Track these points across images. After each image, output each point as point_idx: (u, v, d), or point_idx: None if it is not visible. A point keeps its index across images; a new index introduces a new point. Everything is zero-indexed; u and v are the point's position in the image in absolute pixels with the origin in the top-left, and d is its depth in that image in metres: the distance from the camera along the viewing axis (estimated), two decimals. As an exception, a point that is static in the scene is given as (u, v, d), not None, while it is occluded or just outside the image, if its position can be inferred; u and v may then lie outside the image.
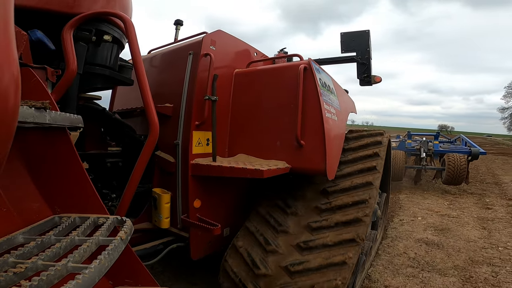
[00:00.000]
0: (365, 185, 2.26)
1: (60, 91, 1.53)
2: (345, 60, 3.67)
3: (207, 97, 2.09)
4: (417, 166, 7.92)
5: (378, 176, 2.36)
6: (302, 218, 2.18)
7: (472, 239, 4.04)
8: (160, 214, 2.13)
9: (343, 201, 2.18)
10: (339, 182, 2.34)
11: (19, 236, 0.91)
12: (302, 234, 2.09)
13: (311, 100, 2.10)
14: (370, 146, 2.68)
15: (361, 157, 2.56)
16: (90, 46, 1.81)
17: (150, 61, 2.70)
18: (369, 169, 2.41)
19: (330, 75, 2.70)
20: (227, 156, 2.46)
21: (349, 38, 3.56)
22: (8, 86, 0.50)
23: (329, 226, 2.06)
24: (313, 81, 2.11)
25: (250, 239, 2.16)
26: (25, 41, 1.34)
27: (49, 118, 1.00)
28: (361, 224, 2.01)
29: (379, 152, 2.57)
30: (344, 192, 2.26)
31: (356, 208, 2.11)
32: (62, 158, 1.16)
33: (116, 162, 2.24)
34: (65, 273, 0.74)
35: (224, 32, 2.42)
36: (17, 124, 0.58)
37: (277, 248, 2.01)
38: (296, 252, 1.98)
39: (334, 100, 2.52)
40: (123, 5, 1.97)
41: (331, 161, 2.14)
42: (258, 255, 2.01)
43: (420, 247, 3.75)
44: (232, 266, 2.05)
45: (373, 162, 2.46)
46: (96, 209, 1.17)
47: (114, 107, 3.05)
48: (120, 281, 1.16)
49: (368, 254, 3.08)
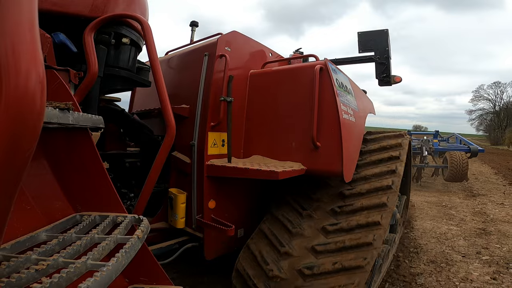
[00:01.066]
0: (384, 188, 2.19)
1: (82, 93, 1.59)
2: (363, 60, 3.57)
3: (222, 98, 2.10)
4: (419, 164, 7.91)
5: (397, 180, 2.28)
6: (317, 221, 2.15)
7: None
8: (176, 214, 2.16)
9: (360, 204, 2.12)
10: (356, 185, 2.28)
11: (42, 234, 0.94)
12: (317, 236, 2.05)
13: (328, 100, 2.06)
14: (390, 149, 2.59)
15: (380, 160, 2.48)
16: (110, 49, 1.87)
17: (167, 62, 2.75)
18: (388, 172, 2.33)
19: (347, 75, 2.64)
20: (242, 157, 2.46)
21: (366, 38, 3.47)
22: (35, 88, 0.52)
23: (345, 229, 2.02)
24: (329, 81, 2.07)
25: (264, 241, 2.14)
26: (49, 44, 1.40)
27: (72, 119, 1.02)
28: (379, 228, 1.95)
29: (399, 154, 2.48)
30: (362, 196, 2.20)
31: (374, 211, 2.05)
32: (84, 158, 1.18)
33: (135, 162, 2.29)
34: (84, 270, 0.75)
35: (239, 33, 2.42)
36: (42, 124, 0.60)
37: (291, 251, 1.98)
38: (310, 255, 1.94)
39: (351, 101, 2.46)
40: (143, 8, 2.02)
41: (348, 163, 2.09)
42: (271, 257, 1.99)
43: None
44: (245, 267, 2.04)
45: (392, 165, 2.38)
46: (115, 208, 1.19)
47: (134, 108, 3.13)
48: (135, 279, 1.18)
49: (386, 258, 2.99)
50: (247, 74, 2.51)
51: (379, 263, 2.63)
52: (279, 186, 2.51)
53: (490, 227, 4.57)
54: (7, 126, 0.47)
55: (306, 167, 2.10)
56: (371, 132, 2.96)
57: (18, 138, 0.50)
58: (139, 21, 1.70)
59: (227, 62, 2.15)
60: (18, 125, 0.49)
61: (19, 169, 0.52)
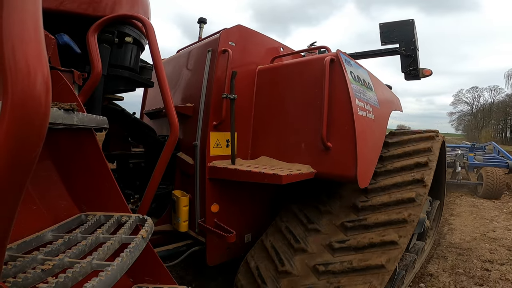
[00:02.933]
0: (405, 201, 1.92)
1: (86, 93, 1.57)
2: (387, 53, 3.25)
3: (224, 95, 1.97)
4: (452, 180, 7.24)
5: (424, 191, 1.99)
6: (324, 236, 1.93)
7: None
8: (179, 217, 2.07)
9: (375, 220, 1.87)
10: (373, 197, 2.03)
11: (48, 234, 0.95)
12: (322, 254, 1.84)
13: (340, 95, 1.85)
14: (416, 154, 2.29)
15: (403, 168, 2.19)
16: (113, 48, 1.84)
17: (175, 61, 2.69)
18: (412, 182, 2.04)
19: (366, 69, 2.38)
20: (250, 158, 2.32)
21: (389, 29, 3.15)
22: (40, 88, 0.52)
23: (354, 248, 1.79)
24: (341, 74, 1.85)
25: (264, 255, 1.99)
26: (53, 45, 1.40)
27: (76, 120, 1.02)
28: (395, 248, 1.69)
29: (428, 161, 2.18)
30: (378, 210, 1.94)
31: (390, 228, 1.80)
32: (89, 158, 1.19)
33: (139, 163, 2.25)
34: (90, 270, 0.76)
35: (244, 27, 2.28)
36: (48, 125, 0.61)
37: (291, 269, 1.79)
38: (312, 274, 1.74)
39: (370, 96, 2.21)
40: (145, 9, 2.00)
41: (364, 166, 1.85)
42: (270, 275, 1.81)
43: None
44: (244, 285, 1.90)
45: (418, 174, 2.08)
46: (120, 208, 1.19)
47: (146, 108, 3.13)
48: (140, 278, 1.19)
49: (411, 268, 2.68)
50: (255, 70, 2.36)
51: (402, 273, 2.35)
52: (288, 191, 2.33)
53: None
54: (13, 127, 0.48)
55: (315, 170, 1.91)
56: (394, 132, 2.66)
57: (24, 139, 0.50)
58: (142, 22, 1.68)
59: (229, 57, 2.02)
60: (24, 126, 0.49)
61: (25, 170, 0.52)
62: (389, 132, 2.71)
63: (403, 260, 2.52)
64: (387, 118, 2.54)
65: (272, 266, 1.86)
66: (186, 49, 2.73)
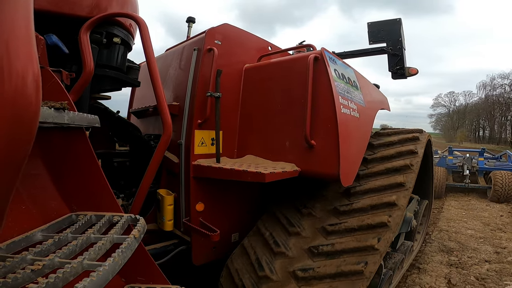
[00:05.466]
0: (385, 205, 1.92)
1: (78, 92, 1.57)
2: (375, 52, 3.28)
3: (209, 93, 1.96)
4: (459, 184, 7.23)
5: (405, 194, 1.99)
6: (305, 240, 1.92)
7: None
8: (163, 216, 2.06)
9: (356, 224, 1.86)
10: (355, 200, 2.03)
11: (38, 234, 0.94)
12: (302, 258, 1.83)
13: (323, 94, 1.85)
14: (400, 157, 2.29)
15: (386, 170, 2.19)
16: (101, 48, 1.85)
17: (163, 60, 2.67)
18: (394, 186, 2.05)
19: (353, 68, 2.40)
20: (236, 157, 2.31)
21: (377, 28, 3.18)
22: (31, 87, 0.52)
23: (332, 253, 1.78)
24: (325, 72, 1.86)
25: (244, 259, 1.97)
26: (42, 45, 1.39)
27: (67, 118, 1.01)
28: (373, 254, 1.68)
29: (411, 163, 2.19)
30: (359, 213, 1.94)
31: (370, 233, 1.79)
32: (80, 158, 1.18)
33: (124, 161, 2.23)
34: (81, 270, 0.75)
35: (231, 26, 2.28)
36: (38, 124, 0.60)
37: (271, 274, 1.77)
38: (292, 280, 1.73)
39: (356, 95, 2.22)
40: (135, 9, 2.01)
41: (347, 164, 1.86)
42: (250, 280, 1.80)
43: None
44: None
45: (400, 177, 2.08)
46: (111, 207, 1.18)
47: (133, 106, 3.10)
48: (132, 278, 1.18)
49: (398, 268, 2.69)
50: (242, 69, 2.36)
51: (389, 274, 2.36)
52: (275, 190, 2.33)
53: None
54: (3, 125, 0.47)
55: (300, 169, 1.91)
56: (379, 133, 2.67)
57: (14, 138, 0.49)
58: (136, 20, 1.68)
59: (215, 55, 2.02)
60: (14, 124, 0.49)
61: (15, 169, 0.51)
62: (375, 132, 2.73)
63: (391, 259, 2.52)
64: (373, 116, 2.55)
65: (252, 270, 1.84)
66: (173, 48, 2.72)
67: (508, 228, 4.74)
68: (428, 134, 2.82)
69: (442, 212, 5.83)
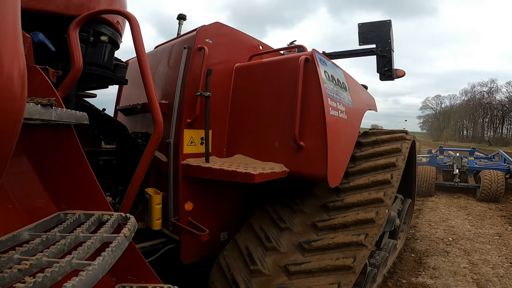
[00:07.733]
0: (373, 201, 1.98)
1: (66, 89, 1.53)
2: (364, 53, 3.34)
3: (199, 93, 1.95)
4: (448, 183, 7.32)
5: (392, 191, 2.06)
6: (296, 236, 1.97)
7: None
8: (151, 215, 2.04)
9: (343, 220, 1.91)
10: (344, 197, 2.08)
11: (25, 233, 0.92)
12: (293, 254, 1.87)
13: (312, 95, 1.88)
14: (386, 155, 2.36)
15: (373, 168, 2.25)
16: (88, 46, 1.81)
17: (152, 57, 2.63)
18: (381, 183, 2.11)
19: (342, 69, 2.43)
20: (225, 156, 2.31)
21: (367, 29, 3.23)
22: (16, 83, 0.51)
23: (322, 248, 1.83)
24: (315, 73, 1.88)
25: (236, 254, 1.99)
26: (28, 43, 1.36)
27: (55, 115, 0.99)
28: (360, 249, 1.74)
29: (396, 161, 2.25)
30: (347, 209, 1.99)
31: (358, 228, 1.85)
32: (68, 155, 1.16)
33: (110, 160, 2.19)
34: (69, 269, 0.74)
35: (223, 25, 2.26)
36: (23, 120, 0.58)
37: (263, 269, 1.80)
38: (283, 274, 1.77)
39: (344, 96, 2.26)
40: (123, 6, 1.97)
41: (335, 166, 1.90)
42: (242, 275, 1.82)
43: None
44: (217, 285, 1.90)
45: (387, 174, 2.14)
46: (101, 206, 1.17)
47: (120, 104, 3.04)
48: (123, 277, 1.17)
49: (383, 265, 2.77)
50: (232, 68, 2.35)
51: (374, 271, 2.43)
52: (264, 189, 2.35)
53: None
54: None
55: (288, 169, 1.93)
56: (367, 132, 2.73)
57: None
58: (127, 17, 1.65)
59: (205, 54, 2.00)
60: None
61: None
62: (363, 132, 2.78)
63: (374, 258, 2.60)
64: (360, 117, 2.60)
65: (244, 265, 1.87)
66: (163, 45, 2.68)
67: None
68: (413, 135, 2.90)
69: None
